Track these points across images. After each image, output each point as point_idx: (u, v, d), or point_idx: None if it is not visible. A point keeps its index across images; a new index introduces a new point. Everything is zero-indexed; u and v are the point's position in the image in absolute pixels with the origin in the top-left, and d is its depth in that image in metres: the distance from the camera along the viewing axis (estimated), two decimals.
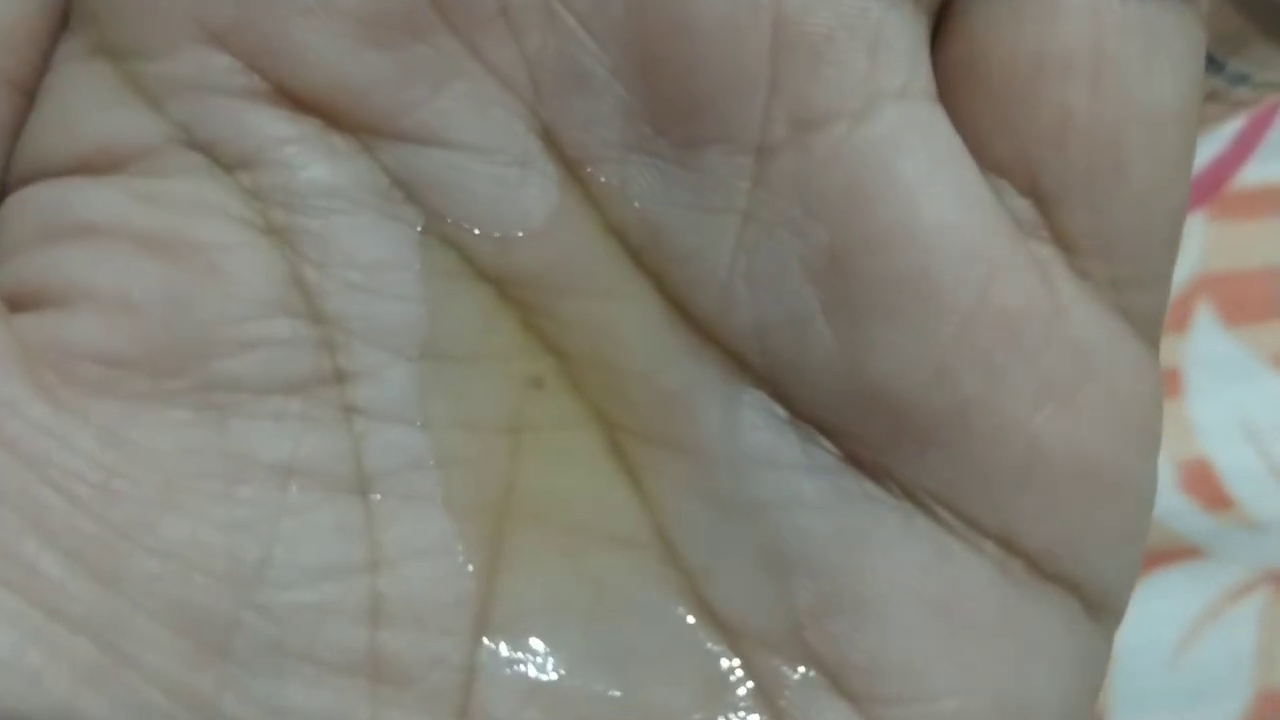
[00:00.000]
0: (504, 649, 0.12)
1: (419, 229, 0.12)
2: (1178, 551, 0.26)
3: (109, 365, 0.11)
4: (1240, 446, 0.26)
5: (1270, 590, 0.26)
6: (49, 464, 0.11)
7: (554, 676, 0.12)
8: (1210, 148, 0.26)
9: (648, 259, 0.12)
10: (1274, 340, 0.27)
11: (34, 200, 0.12)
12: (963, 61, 0.11)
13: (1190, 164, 0.12)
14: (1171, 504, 0.26)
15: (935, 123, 0.11)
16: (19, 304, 0.11)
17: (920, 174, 0.11)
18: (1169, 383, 0.26)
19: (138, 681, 0.11)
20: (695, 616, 0.12)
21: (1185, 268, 0.26)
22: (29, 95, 0.12)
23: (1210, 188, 0.26)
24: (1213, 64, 0.19)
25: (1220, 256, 0.27)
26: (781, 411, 0.12)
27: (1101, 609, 0.12)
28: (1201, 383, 0.26)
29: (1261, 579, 0.26)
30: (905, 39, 0.11)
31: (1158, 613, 0.26)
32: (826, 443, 0.12)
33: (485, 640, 0.12)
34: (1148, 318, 0.12)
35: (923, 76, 0.11)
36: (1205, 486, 0.26)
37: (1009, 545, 0.12)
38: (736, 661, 0.12)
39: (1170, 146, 0.11)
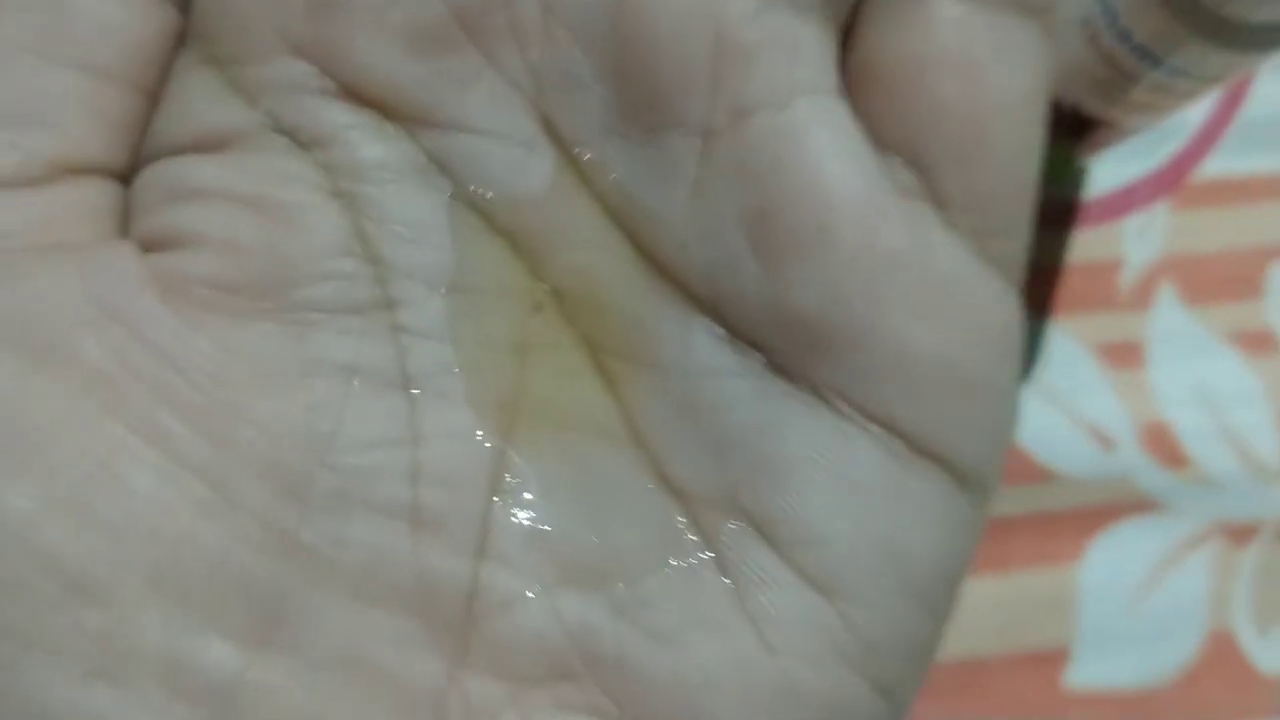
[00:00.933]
0: (511, 506, 0.14)
1: (449, 195, 0.14)
2: (1138, 504, 0.28)
3: (218, 290, 0.13)
4: (1197, 412, 0.28)
5: (1221, 541, 0.28)
6: (175, 358, 0.13)
7: (547, 527, 0.14)
8: (1172, 143, 0.28)
9: (622, 218, 0.14)
10: (1229, 318, 0.28)
11: (161, 173, 0.14)
12: (863, 64, 0.13)
13: (1039, 139, 0.14)
14: (1133, 461, 0.27)
15: (839, 112, 0.13)
16: (151, 247, 0.14)
17: (825, 150, 0.13)
18: (1134, 354, 0.28)
19: (241, 517, 0.13)
20: (655, 485, 0.14)
21: (1150, 251, 0.28)
22: (154, 97, 0.14)
23: (1173, 180, 0.28)
24: (1151, 59, 0.22)
25: (1182, 241, 0.28)
26: (722, 332, 0.14)
27: (969, 482, 0.14)
28: (1162, 354, 0.28)
29: (1214, 530, 0.28)
30: (817, 48, 0.13)
31: (1119, 560, 0.27)
32: (756, 354, 0.14)
33: (496, 499, 0.14)
34: (1008, 259, 0.14)
35: (830, 76, 0.13)
36: (1164, 446, 0.28)
37: (891, 428, 0.13)
38: (686, 519, 0.14)
39: (1023, 126, 0.13)
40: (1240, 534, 0.28)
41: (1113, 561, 0.28)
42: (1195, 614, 0.28)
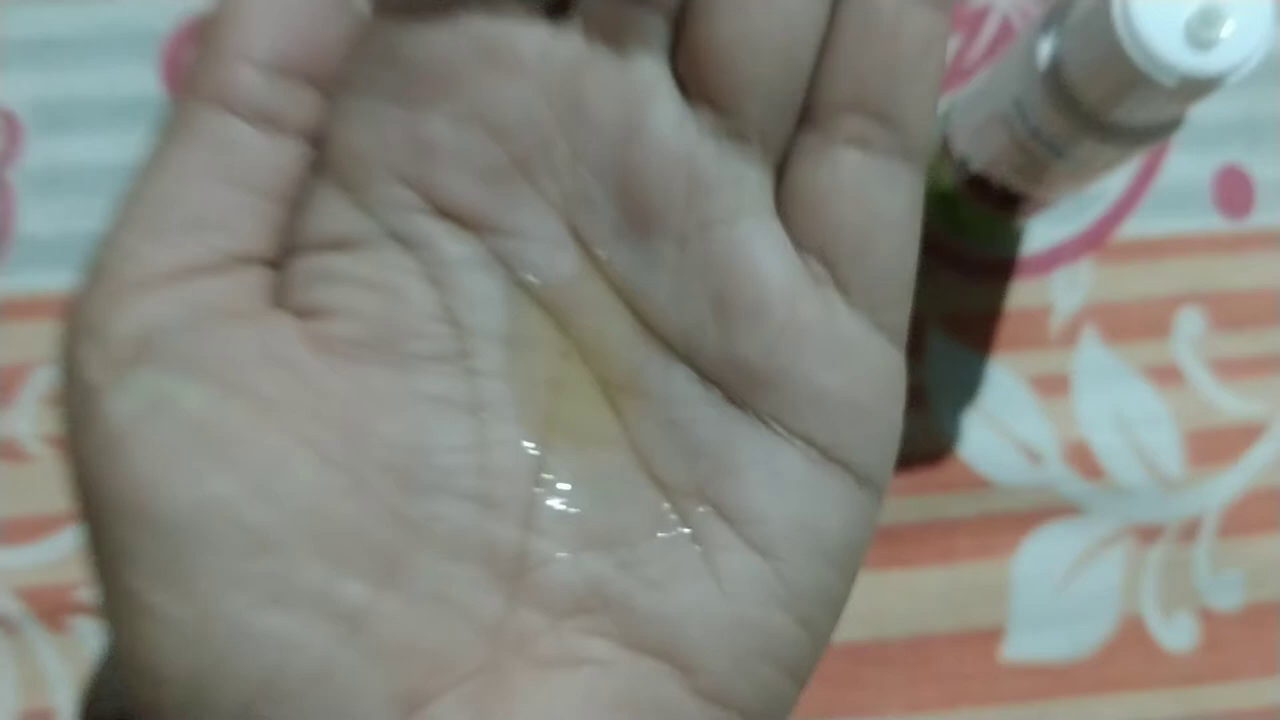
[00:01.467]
0: (547, 494, 0.17)
1: (505, 279, 0.17)
2: (1062, 509, 0.30)
3: (350, 345, 0.16)
4: (1112, 432, 0.30)
5: (1132, 540, 0.30)
6: (322, 391, 0.16)
7: (574, 510, 0.17)
8: (1096, 209, 0.31)
9: (624, 295, 0.17)
10: (1142, 355, 0.31)
11: (306, 264, 0.17)
12: (789, 192, 0.16)
13: (915, 243, 0.17)
14: (1058, 473, 0.30)
15: (772, 225, 0.16)
16: (301, 315, 0.16)
17: (761, 252, 0.16)
18: (1061, 385, 0.30)
19: (369, 499, 0.15)
20: (648, 481, 0.17)
21: (1075, 299, 0.31)
22: (295, 207, 0.17)
23: (1096, 240, 0.31)
24: (1057, 151, 0.25)
25: (1103, 291, 0.31)
26: (694, 374, 0.17)
27: (866, 481, 0.17)
28: (1085, 385, 0.31)
29: (1125, 532, 0.30)
30: (758, 182, 0.16)
31: (1047, 554, 0.30)
32: (717, 390, 0.17)
33: (537, 489, 0.17)
34: (894, 327, 0.17)
35: (767, 201, 0.16)
36: (1084, 461, 0.30)
37: (810, 443, 0.17)
38: (669, 505, 0.17)
39: (902, 234, 0.16)
40: (1147, 535, 0.30)
41: (1041, 556, 0.30)
42: (1110, 601, 0.30)
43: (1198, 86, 0.21)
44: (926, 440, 0.31)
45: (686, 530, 0.17)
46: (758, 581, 0.16)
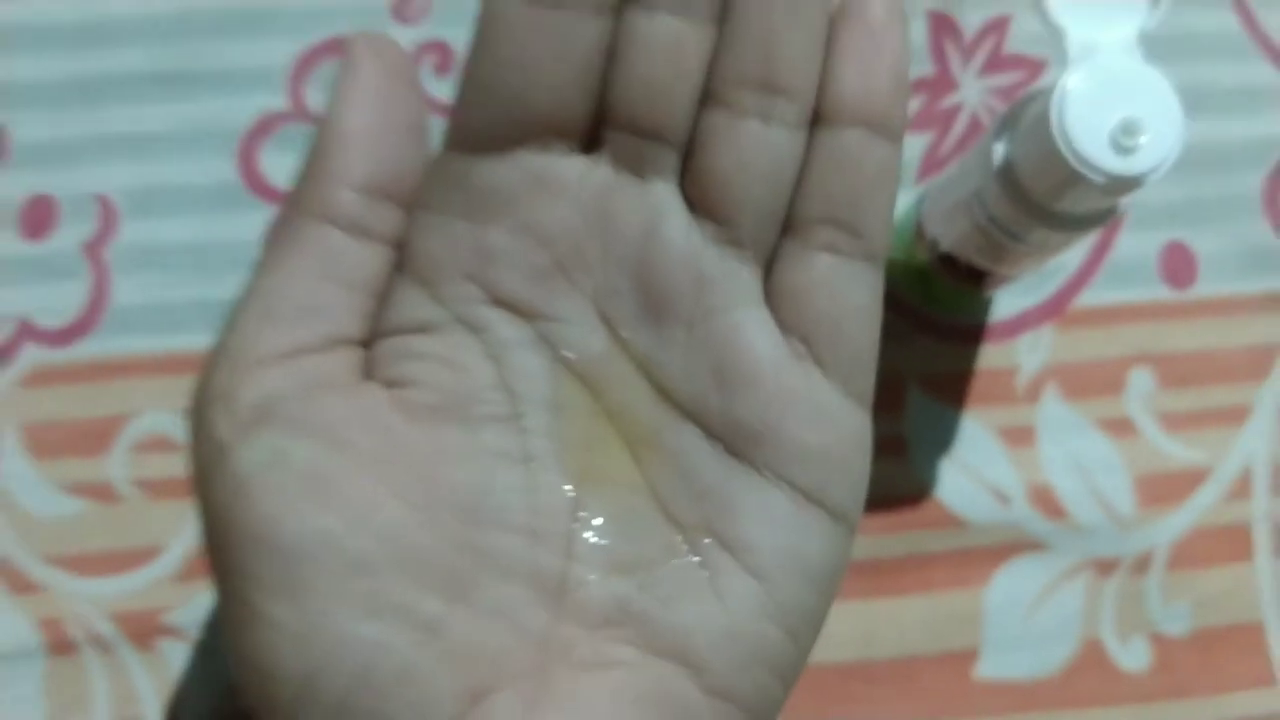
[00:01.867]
0: (583, 529, 0.19)
1: (549, 356, 0.19)
2: (1029, 545, 0.32)
3: (428, 409, 0.18)
4: (1072, 477, 0.32)
5: (1091, 572, 0.32)
6: (406, 446, 0.18)
7: (605, 542, 0.18)
8: (1056, 281, 0.33)
9: (645, 369, 0.19)
10: (1098, 409, 0.33)
11: (391, 344, 0.19)
12: (775, 286, 0.19)
13: (877, 328, 0.19)
14: (1024, 513, 0.32)
15: (762, 313, 0.19)
16: (388, 385, 0.18)
17: (754, 335, 0.18)
18: (1026, 435, 0.32)
19: (442, 532, 0.17)
20: (664, 519, 0.19)
21: (1039, 361, 0.33)
22: (381, 300, 0.19)
23: (1057, 308, 0.33)
24: (1012, 236, 0.27)
25: (1063, 353, 0.33)
26: (700, 432, 0.19)
27: (840, 518, 0.19)
28: (1047, 435, 0.32)
29: (1085, 565, 0.32)
30: (750, 280, 0.19)
31: (1015, 585, 0.32)
32: (719, 444, 0.19)
33: (575, 525, 0.18)
34: (861, 393, 0.19)
35: (758, 295, 0.19)
36: (1047, 503, 0.32)
37: (793, 485, 0.18)
38: (680, 538, 0.19)
39: (866, 321, 0.19)
40: (1105, 568, 0.32)
41: (1010, 587, 0.32)
42: (1072, 626, 0.31)
43: (1122, 184, 0.24)
44: (907, 484, 0.32)
45: (695, 558, 0.19)
46: (753, 600, 0.18)
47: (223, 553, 0.17)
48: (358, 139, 0.18)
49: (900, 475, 0.33)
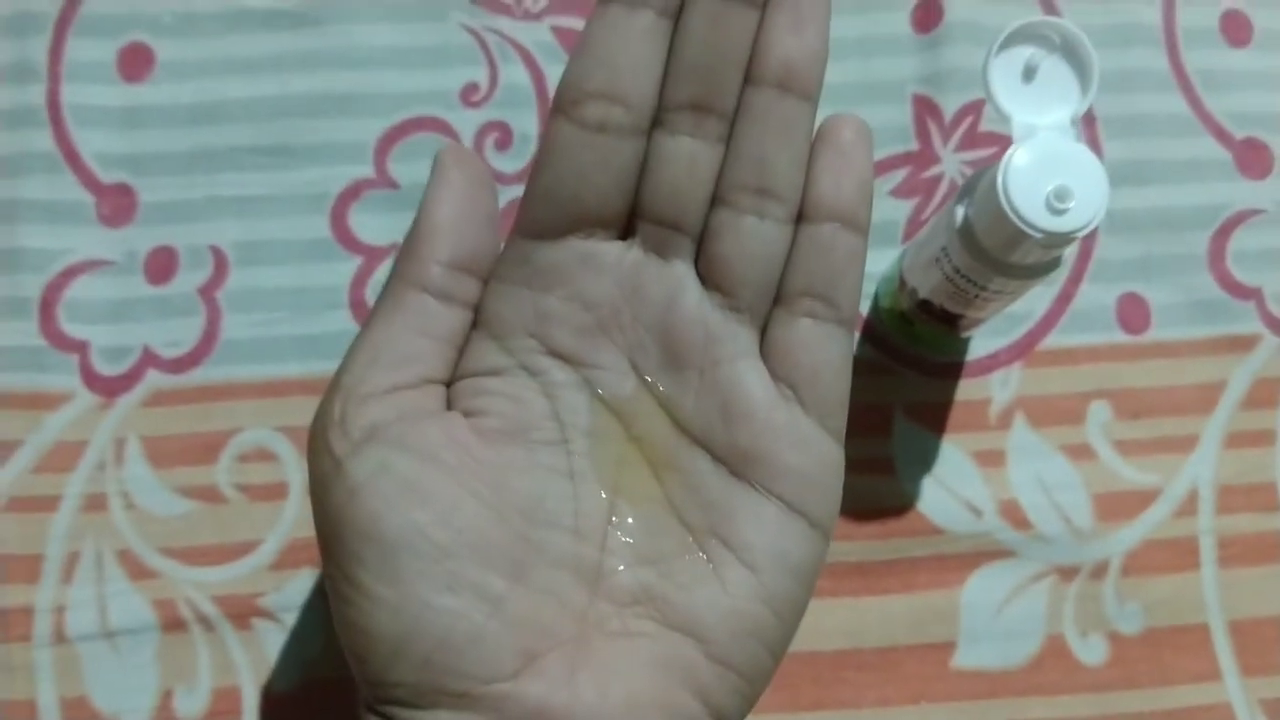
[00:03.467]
0: (616, 530, 0.21)
1: (589, 395, 0.22)
2: (998, 553, 0.34)
3: (497, 434, 0.21)
4: (1037, 494, 0.35)
5: (1055, 577, 0.34)
6: (481, 461, 0.20)
7: (630, 540, 0.21)
8: (1024, 326, 0.36)
9: (666, 406, 0.21)
10: (1060, 436, 0.35)
11: (468, 384, 0.21)
12: (768, 344, 0.21)
13: (848, 378, 0.21)
14: (996, 525, 0.34)
15: (758, 365, 0.21)
16: (467, 415, 0.21)
17: (751, 381, 0.21)
18: (996, 460, 0.35)
19: (507, 528, 0.20)
20: (679, 524, 0.21)
21: (1009, 394, 0.35)
22: (461, 350, 0.21)
23: (1025, 349, 0.36)
24: (975, 284, 0.31)
25: (1031, 388, 0.36)
26: (708, 456, 0.21)
27: (818, 527, 0.21)
28: (1016, 458, 0.35)
29: (1049, 570, 0.34)
30: (748, 339, 0.21)
31: (987, 587, 0.34)
32: (724, 466, 0.21)
33: (608, 527, 0.21)
34: (836, 431, 0.21)
35: (755, 350, 0.21)
36: (1015, 516, 0.35)
37: (781, 499, 0.21)
38: (692, 539, 0.21)
39: (840, 372, 0.21)
40: (1066, 574, 0.34)
41: (983, 588, 0.34)
42: (1037, 623, 0.34)
43: (1057, 240, 0.28)
44: (893, 499, 0.35)
45: (703, 554, 0.21)
46: (749, 587, 0.21)
47: (336, 544, 0.20)
48: (445, 227, 0.21)
49: (888, 491, 0.35)
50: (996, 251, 0.30)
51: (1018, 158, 0.28)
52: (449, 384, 0.22)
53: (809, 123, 0.21)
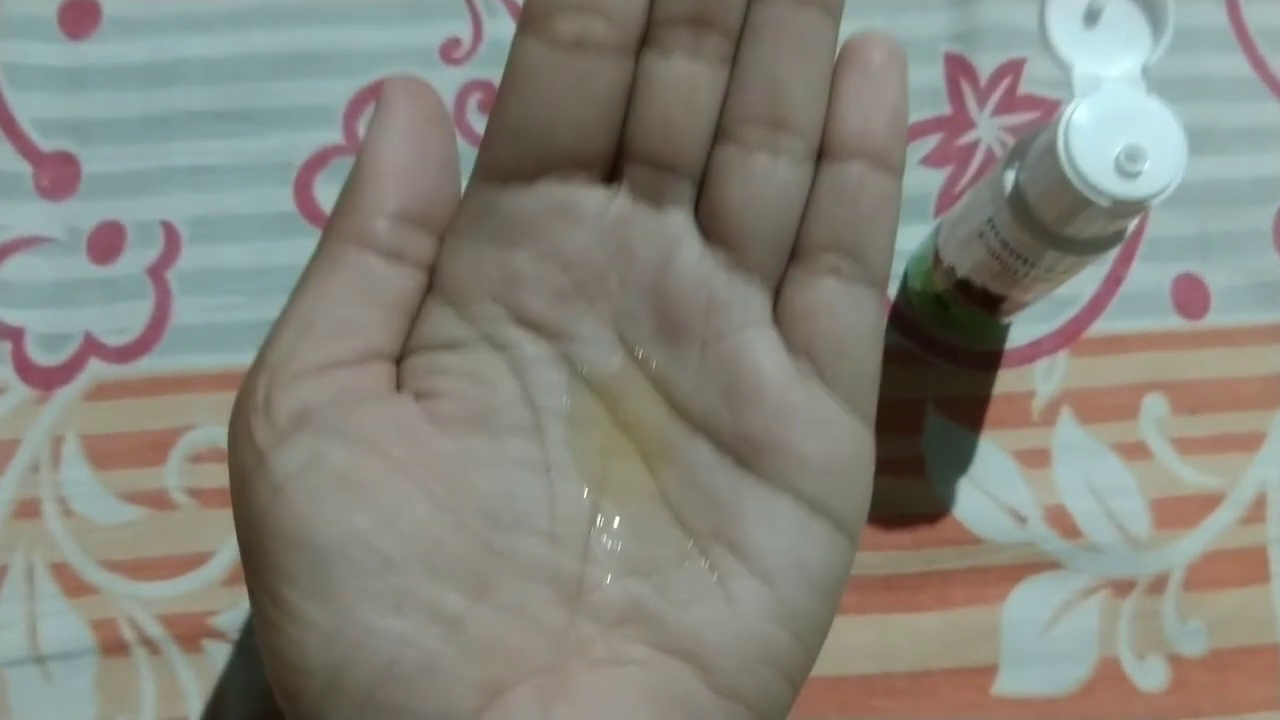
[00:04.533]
0: (601, 534, 0.19)
1: (569, 372, 0.20)
2: (1045, 564, 0.32)
3: (455, 420, 0.19)
4: (1087, 499, 0.33)
5: (1108, 592, 0.32)
6: (437, 452, 0.18)
7: (618, 546, 0.19)
8: (1070, 310, 0.34)
9: (659, 385, 0.20)
10: (1111, 433, 0.33)
11: (421, 360, 0.19)
12: (783, 309, 0.19)
13: (879, 348, 0.19)
14: (1041, 533, 0.32)
15: (770, 335, 0.19)
16: (418, 398, 0.19)
17: (762, 354, 0.19)
18: (1040, 460, 0.33)
19: (467, 534, 0.18)
20: (676, 525, 0.19)
21: (1054, 386, 0.34)
22: (413, 319, 0.19)
23: (1072, 336, 0.34)
24: (1025, 260, 0.28)
25: (1077, 379, 0.34)
26: (711, 445, 0.19)
27: (843, 529, 0.19)
28: (1063, 457, 0.33)
29: (1102, 584, 0.33)
30: (760, 301, 0.19)
31: (1032, 602, 0.32)
32: (729, 456, 0.19)
33: (592, 530, 0.19)
34: (864, 411, 0.19)
35: (766, 317, 0.19)
36: (1063, 523, 0.33)
37: (798, 495, 0.19)
38: (692, 543, 0.19)
39: (869, 342, 0.19)
40: (1121, 588, 0.32)
41: (1027, 604, 0.32)
42: (1089, 644, 0.32)
43: (1127, 208, 0.25)
44: (926, 503, 0.33)
45: (705, 562, 0.19)
46: (760, 603, 0.19)
47: (258, 553, 0.18)
48: (392, 173, 0.19)
49: (919, 494, 0.33)
50: (1052, 223, 0.27)
51: (1080, 114, 0.25)
52: (398, 360, 0.20)
53: (831, 41, 0.19)
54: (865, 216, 0.19)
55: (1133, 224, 0.28)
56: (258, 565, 0.18)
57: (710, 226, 0.20)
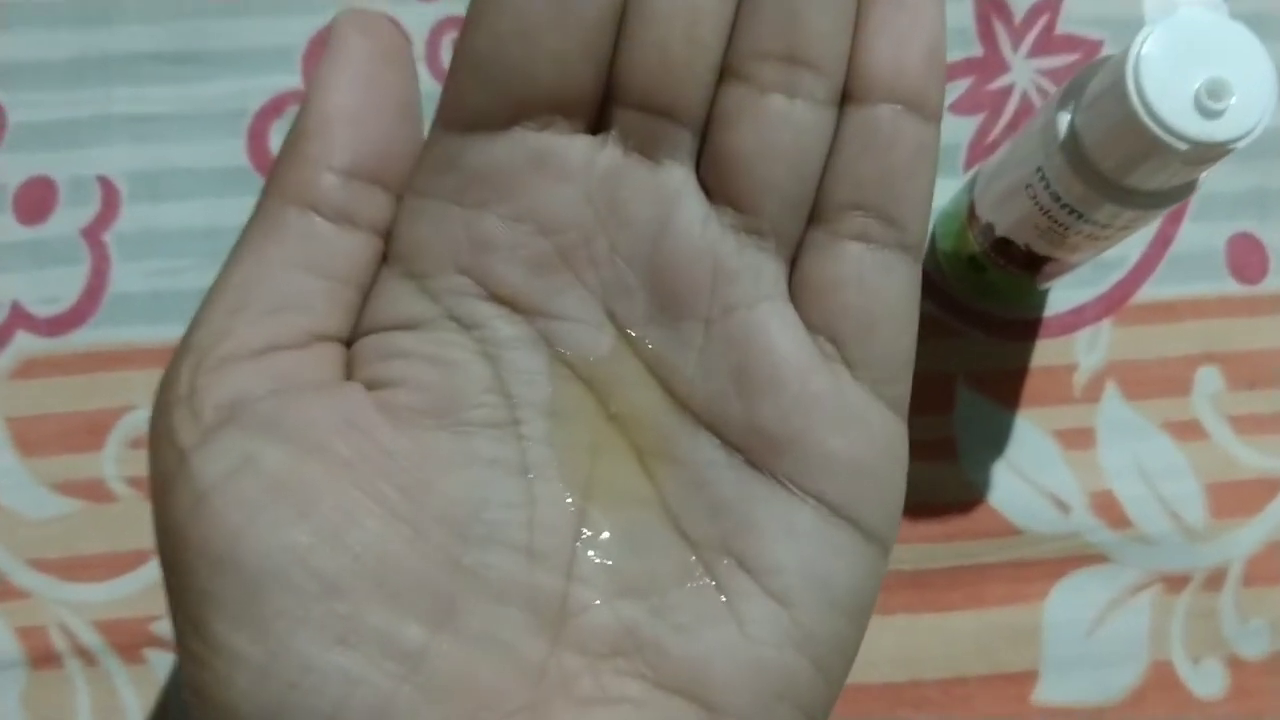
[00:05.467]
0: (588, 547, 0.18)
1: (549, 356, 0.18)
2: (1090, 558, 0.31)
3: (415, 412, 0.17)
4: (1136, 484, 0.31)
5: (1160, 588, 0.31)
6: (391, 452, 0.17)
7: (611, 561, 0.18)
8: (1115, 274, 0.32)
9: (655, 370, 0.18)
10: (1162, 410, 0.32)
11: (375, 341, 0.18)
12: (801, 281, 0.18)
13: (914, 325, 0.18)
14: (1085, 522, 0.31)
15: (786, 310, 0.18)
16: (370, 386, 0.18)
17: (777, 333, 0.18)
18: (1086, 438, 0.31)
19: (429, 549, 0.17)
20: (677, 536, 0.18)
21: (1098, 358, 0.32)
22: (366, 293, 0.18)
23: (1116, 302, 0.32)
24: (1078, 215, 0.26)
25: (1123, 350, 0.32)
26: (717, 441, 0.18)
27: (873, 537, 0.18)
28: (1108, 438, 0.32)
29: (1153, 579, 0.31)
30: (773, 273, 0.18)
31: (1076, 601, 0.31)
32: (738, 454, 0.18)
33: (578, 542, 0.18)
34: (896, 399, 0.18)
35: (781, 288, 0.18)
36: (1110, 511, 0.31)
37: (821, 501, 0.18)
38: (695, 557, 0.18)
39: (901, 318, 0.18)
40: (1175, 583, 0.31)
41: (1071, 602, 0.31)
42: (1139, 646, 0.31)
43: (1207, 152, 0.23)
44: (957, 489, 0.31)
45: (711, 580, 0.18)
46: (775, 626, 0.17)
47: (179, 573, 0.16)
48: (341, 120, 0.18)
49: (949, 480, 0.32)
50: (1113, 171, 0.24)
51: (1153, 43, 0.23)
52: (348, 343, 0.18)
53: None
54: (898, 170, 0.18)
55: (1205, 174, 0.25)
56: (178, 587, 0.16)
57: (715, 182, 0.18)
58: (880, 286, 0.18)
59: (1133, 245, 0.33)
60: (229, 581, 0.16)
